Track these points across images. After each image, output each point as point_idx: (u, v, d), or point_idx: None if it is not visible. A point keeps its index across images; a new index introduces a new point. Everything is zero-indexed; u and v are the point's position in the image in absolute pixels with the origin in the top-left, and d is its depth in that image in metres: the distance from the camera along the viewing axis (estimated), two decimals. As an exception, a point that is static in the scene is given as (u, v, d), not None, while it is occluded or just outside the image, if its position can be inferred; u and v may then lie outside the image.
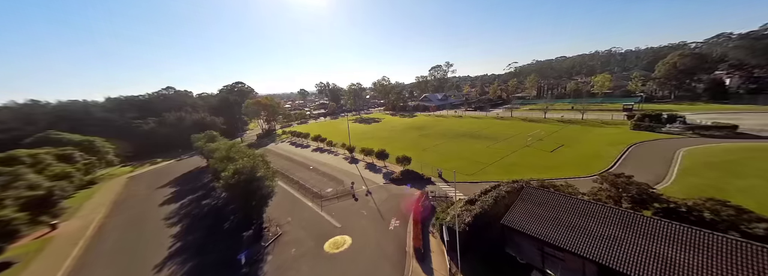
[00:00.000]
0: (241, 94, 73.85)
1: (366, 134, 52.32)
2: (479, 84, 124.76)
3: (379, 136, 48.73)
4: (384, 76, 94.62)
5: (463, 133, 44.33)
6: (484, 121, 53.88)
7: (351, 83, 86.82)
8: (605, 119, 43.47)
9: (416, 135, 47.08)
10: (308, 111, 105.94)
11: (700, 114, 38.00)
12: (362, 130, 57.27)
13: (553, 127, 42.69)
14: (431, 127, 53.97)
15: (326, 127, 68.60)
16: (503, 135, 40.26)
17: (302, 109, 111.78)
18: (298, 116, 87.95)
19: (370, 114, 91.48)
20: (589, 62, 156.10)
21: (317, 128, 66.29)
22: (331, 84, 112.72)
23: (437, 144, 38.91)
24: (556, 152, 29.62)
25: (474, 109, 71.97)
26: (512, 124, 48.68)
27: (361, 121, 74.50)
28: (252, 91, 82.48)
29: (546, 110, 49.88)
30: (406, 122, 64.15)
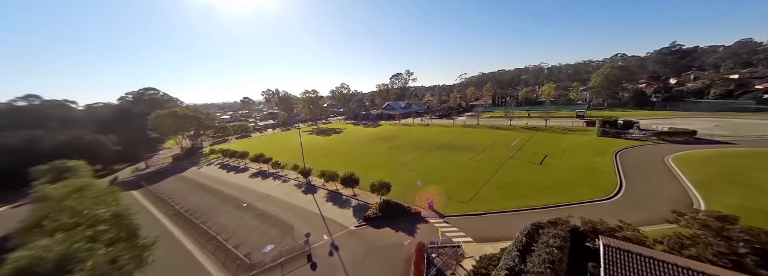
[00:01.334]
0: (152, 103, 55.25)
1: (325, 148, 43.33)
2: (437, 93, 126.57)
3: (342, 151, 40.37)
4: (343, 83, 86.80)
5: (437, 144, 39.20)
6: (454, 130, 50.31)
7: (305, 90, 76.40)
8: (566, 126, 43.65)
9: (386, 148, 40.23)
10: (253, 122, 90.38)
11: (645, 120, 40.23)
12: (321, 144, 47.97)
13: (522, 134, 40.75)
14: (400, 137, 47.95)
15: (274, 141, 56.84)
16: (480, 145, 36.27)
17: (245, 121, 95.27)
18: (238, 129, 72.78)
19: (329, 124, 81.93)
20: (523, 76, 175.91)
21: (262, 144, 54.30)
22: (282, 91, 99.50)
23: (413, 158, 32.59)
24: (545, 165, 25.94)
25: (439, 116, 69.24)
26: (482, 132, 45.87)
27: (319, 132, 64.69)
28: (170, 100, 63.55)
29: (511, 117, 48.73)
30: (371, 132, 57.05)
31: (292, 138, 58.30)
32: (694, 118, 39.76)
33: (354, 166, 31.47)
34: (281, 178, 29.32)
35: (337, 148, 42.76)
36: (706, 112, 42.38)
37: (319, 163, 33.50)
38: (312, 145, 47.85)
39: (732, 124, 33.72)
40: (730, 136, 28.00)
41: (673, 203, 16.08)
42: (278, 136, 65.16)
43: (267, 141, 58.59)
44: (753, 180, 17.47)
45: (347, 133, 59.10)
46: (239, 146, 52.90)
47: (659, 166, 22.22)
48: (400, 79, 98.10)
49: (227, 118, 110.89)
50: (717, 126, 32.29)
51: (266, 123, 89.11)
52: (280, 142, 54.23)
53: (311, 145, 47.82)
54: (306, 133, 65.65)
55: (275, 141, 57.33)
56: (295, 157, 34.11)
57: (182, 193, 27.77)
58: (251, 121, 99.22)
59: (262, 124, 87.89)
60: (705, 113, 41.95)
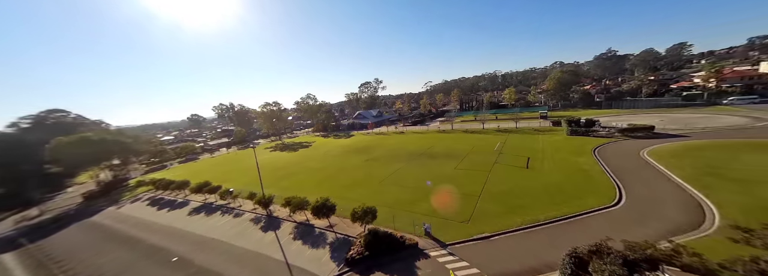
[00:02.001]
0: (56, 129, 40.58)
1: (292, 167, 37.56)
2: (406, 100, 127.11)
3: (312, 168, 35.14)
4: (309, 93, 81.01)
5: (417, 152, 36.45)
6: (430, 136, 48.48)
7: (265, 103, 68.80)
8: (534, 126, 44.77)
9: (362, 160, 36.16)
10: (202, 142, 78.47)
11: (600, 118, 42.93)
12: (286, 161, 41.83)
13: (497, 137, 40.35)
14: (376, 147, 44.31)
15: (227, 163, 48.67)
16: (460, 151, 34.44)
17: (192, 141, 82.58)
18: (182, 151, 61.51)
19: (295, 138, 74.78)
20: (481, 82, 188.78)
21: (212, 167, 46.17)
22: (237, 105, 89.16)
23: (395, 171, 29.08)
24: (532, 169, 24.56)
25: (412, 123, 67.65)
26: (458, 137, 44.70)
27: (284, 147, 57.85)
28: (84, 124, 48.66)
29: (484, 121, 48.79)
30: (343, 144, 52.41)
31: (251, 157, 50.70)
32: (638, 115, 43.83)
33: (327, 185, 26.76)
34: (233, 211, 23.09)
35: (305, 166, 37.27)
36: (644, 109, 47.35)
37: (284, 187, 27.99)
38: (275, 163, 41.47)
39: (673, 118, 37.42)
40: (680, 130, 30.29)
41: (682, 204, 15.08)
42: (233, 156, 56.27)
43: (218, 163, 49.95)
44: (733, 173, 17.64)
45: (317, 147, 53.52)
46: (181, 173, 44.17)
47: (640, 164, 22.14)
48: (370, 88, 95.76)
49: (170, 139, 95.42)
50: (662, 121, 35.27)
51: (219, 142, 77.70)
52: (234, 164, 46.31)
53: (274, 163, 41.44)
54: (268, 149, 58.20)
55: (229, 162, 49.00)
56: (254, 181, 28.11)
57: (83, 250, 19.71)
58: (201, 140, 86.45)
59: (214, 143, 76.40)
60: (643, 110, 46.81)
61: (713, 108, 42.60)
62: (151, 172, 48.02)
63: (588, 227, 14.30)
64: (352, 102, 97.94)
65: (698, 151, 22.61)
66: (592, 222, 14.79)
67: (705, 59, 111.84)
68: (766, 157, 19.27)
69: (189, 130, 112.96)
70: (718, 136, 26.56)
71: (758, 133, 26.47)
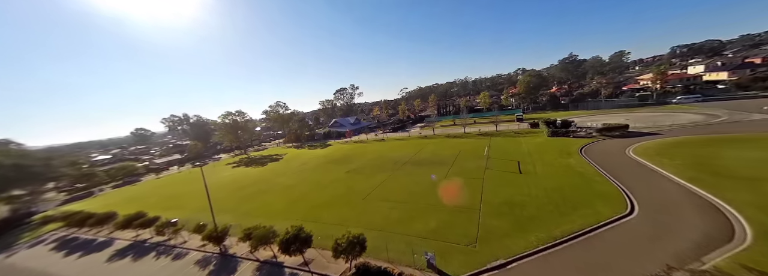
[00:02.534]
0: None
1: (258, 185, 32.38)
2: (384, 107, 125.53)
3: (283, 186, 30.39)
4: (278, 101, 75.07)
5: (402, 161, 33.60)
6: (413, 142, 46.18)
7: (226, 112, 61.58)
8: (514, 129, 44.83)
9: (341, 173, 32.32)
10: (147, 160, 67.72)
11: (573, 118, 44.40)
12: (251, 179, 36.26)
13: (481, 141, 39.31)
14: (357, 157, 40.68)
15: (174, 185, 41.23)
16: (447, 157, 32.36)
17: (136, 159, 71.09)
18: (119, 172, 51.50)
19: (264, 150, 67.96)
20: (454, 88, 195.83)
21: (153, 191, 39.02)
22: (193, 116, 79.40)
23: (380, 183, 25.79)
24: (526, 173, 22.97)
25: (392, 130, 65.22)
26: (442, 142, 42.97)
27: (250, 162, 51.51)
28: None
29: (465, 125, 47.96)
30: (320, 155, 47.88)
31: (210, 175, 43.83)
32: (605, 115, 46.19)
33: (302, 206, 22.53)
34: (173, 250, 17.64)
35: (275, 183, 32.29)
36: (606, 110, 50.37)
37: (246, 211, 23.16)
38: (238, 182, 35.75)
39: (637, 117, 39.62)
40: (650, 128, 31.49)
41: (698, 208, 13.89)
42: (185, 175, 48.22)
43: (164, 185, 42.29)
44: (728, 170, 17.38)
45: (289, 160, 48.23)
46: (111, 201, 36.27)
47: (631, 163, 21.62)
48: (345, 95, 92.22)
49: (107, 158, 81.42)
50: (628, 119, 36.93)
51: (169, 159, 67.30)
52: (185, 185, 39.16)
53: (237, 182, 35.71)
54: (230, 166, 51.33)
55: (178, 184, 41.54)
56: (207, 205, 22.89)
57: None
58: (147, 158, 74.77)
59: (162, 161, 65.93)
60: (606, 110, 49.75)
61: (665, 107, 46.57)
62: (71, 201, 38.33)
63: (613, 244, 12.30)
64: (328, 110, 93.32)
65: (681, 148, 22.89)
66: (614, 237, 12.86)
67: (638, 66, 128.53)
68: (749, 153, 19.63)
69: (134, 147, 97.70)
70: (689, 133, 27.70)
71: (724, 128, 27.99)
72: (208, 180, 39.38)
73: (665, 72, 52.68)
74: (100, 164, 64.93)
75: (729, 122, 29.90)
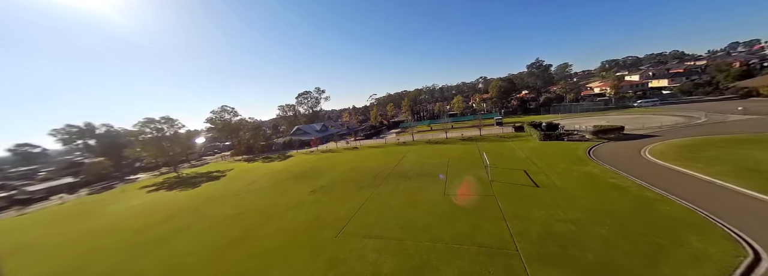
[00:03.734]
0: None
1: (177, 219, 22.08)
2: (353, 113, 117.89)
3: (216, 218, 20.81)
4: (224, 105, 62.30)
5: (383, 173, 26.58)
6: (391, 150, 39.63)
7: (146, 119, 47.44)
8: (497, 133, 41.60)
9: (305, 192, 24.00)
10: (17, 187, 48.03)
11: (552, 122, 43.02)
12: (171, 209, 25.38)
13: (467, 146, 34.70)
14: (326, 169, 32.41)
15: (36, 228, 28.16)
16: (435, 167, 26.46)
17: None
18: None
19: (203, 166, 54.52)
20: (420, 96, 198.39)
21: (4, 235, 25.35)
22: (100, 126, 61.07)
23: (358, 206, 18.33)
24: (544, 186, 17.98)
25: (365, 136, 57.98)
26: (425, 149, 37.28)
27: (177, 184, 39.24)
28: None
29: (446, 130, 43.30)
30: (277, 169, 38.19)
31: (113, 205, 31.10)
32: (579, 117, 46.16)
33: (235, 256, 13.92)
34: None
35: (204, 214, 22.32)
36: (577, 113, 51.10)
37: (141, 270, 13.49)
38: (148, 216, 24.67)
39: (617, 119, 39.44)
40: (641, 130, 30.12)
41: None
42: (69, 209, 33.69)
43: (17, 228, 28.21)
44: None
45: (234, 178, 37.41)
46: None
47: (668, 172, 18.06)
48: (310, 99, 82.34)
49: None
50: (609, 121, 36.15)
51: (55, 184, 48.54)
52: (55, 228, 26.15)
53: (146, 216, 24.62)
54: (146, 189, 38.33)
55: (43, 225, 28.04)
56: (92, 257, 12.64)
57: None
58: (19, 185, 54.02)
59: (42, 187, 46.74)
60: (578, 114, 50.40)
61: (631, 110, 48.66)
62: None
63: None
64: (290, 118, 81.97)
65: (702, 151, 20.45)
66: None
67: (575, 78, 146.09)
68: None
69: (14, 169, 71.27)
70: (689, 134, 26.03)
71: (719, 129, 26.38)
72: (105, 213, 26.94)
73: (622, 78, 56.57)
74: None
75: (715, 123, 29.97)
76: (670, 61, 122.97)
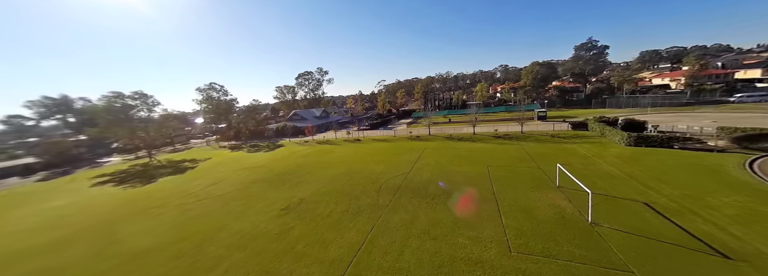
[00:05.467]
0: None
1: (53, 254, 13.53)
2: (359, 100, 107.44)
3: (122, 256, 12.17)
4: (212, 82, 53.27)
5: (390, 182, 17.49)
6: (402, 146, 30.20)
7: (112, 93, 39.03)
8: (543, 130, 31.29)
9: (275, 209, 15.49)
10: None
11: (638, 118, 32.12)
12: (63, 233, 17.05)
13: (508, 148, 24.88)
14: (314, 170, 23.55)
15: None
16: (472, 180, 17.08)
17: None
18: None
19: (184, 151, 46.91)
20: (432, 84, 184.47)
21: None
22: (79, 100, 52.50)
23: (351, 250, 9.17)
24: (744, 255, 8.30)
25: (371, 126, 48.47)
26: (446, 147, 27.62)
27: (136, 175, 31.44)
28: None
29: (474, 123, 32.99)
30: (256, 163, 29.69)
31: (29, 204, 23.36)
32: (658, 114, 34.97)
33: None
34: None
35: (114, 239, 14.01)
36: (643, 108, 39.60)
37: None
38: (42, 232, 16.45)
39: (726, 118, 28.32)
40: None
41: None
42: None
43: None
44: None
45: (200, 172, 29.16)
46: None
47: None
48: (311, 80, 72.23)
49: None
50: (714, 122, 25.28)
51: (9, 164, 40.47)
52: None
53: (39, 233, 16.37)
54: (96, 180, 30.56)
55: None
56: None
57: None
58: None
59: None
60: (645, 109, 38.95)
61: (725, 106, 36.69)
62: None
63: None
64: (288, 101, 72.55)
65: None
66: None
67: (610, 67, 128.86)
68: None
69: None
70: None
71: None
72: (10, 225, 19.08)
73: (706, 66, 43.97)
74: None
75: None
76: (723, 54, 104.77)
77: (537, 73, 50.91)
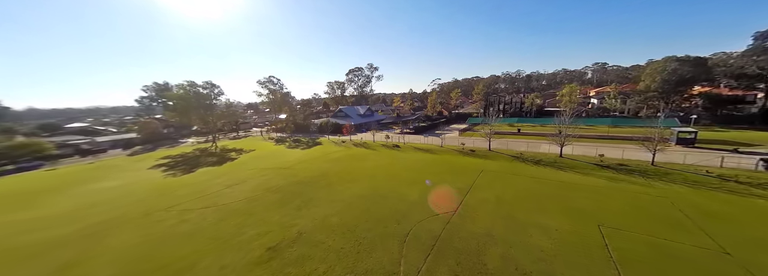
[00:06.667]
0: None
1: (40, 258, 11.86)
2: (408, 98, 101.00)
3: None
4: (271, 76, 55.35)
5: (430, 232, 10.84)
6: (449, 163, 22.91)
7: (187, 82, 43.04)
8: (699, 162, 18.99)
9: (261, 252, 11.21)
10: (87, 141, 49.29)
11: None
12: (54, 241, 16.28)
13: (634, 191, 14.89)
14: (333, 185, 19.09)
15: None
16: (579, 246, 8.95)
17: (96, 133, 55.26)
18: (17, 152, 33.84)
19: (241, 139, 49.95)
20: (496, 84, 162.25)
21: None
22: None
23: None
24: None
25: (414, 129, 41.99)
26: (517, 172, 19.01)
27: (186, 162, 32.96)
28: None
29: (563, 139, 22.64)
30: (284, 163, 27.36)
31: (102, 180, 25.73)
32: None
33: None
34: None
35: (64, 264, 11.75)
36: None
37: None
38: (53, 227, 16.03)
39: None
40: None
41: None
42: (67, 176, 30.22)
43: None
44: None
45: (235, 167, 28.44)
46: None
47: None
48: (361, 77, 69.60)
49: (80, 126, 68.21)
50: None
51: (118, 138, 50.34)
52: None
53: (52, 227, 15.98)
54: (158, 163, 33.04)
55: None
56: None
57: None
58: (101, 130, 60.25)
59: (108, 139, 48.50)
60: None
61: None
62: None
63: None
64: (337, 97, 71.79)
65: None
66: None
67: None
68: None
69: (131, 117, 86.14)
70: None
71: None
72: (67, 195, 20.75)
73: None
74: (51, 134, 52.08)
75: None
76: None
77: (673, 72, 34.45)
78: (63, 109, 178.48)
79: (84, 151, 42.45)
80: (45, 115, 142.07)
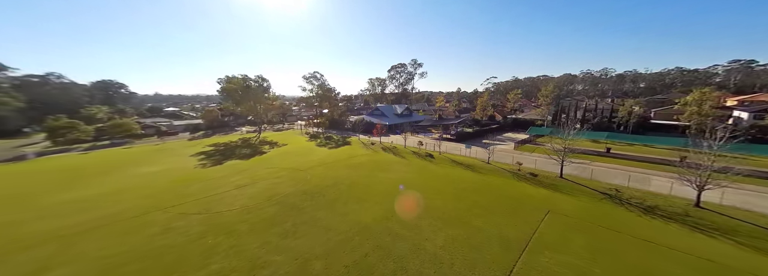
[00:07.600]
0: None
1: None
2: (455, 98, 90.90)
3: None
4: (315, 71, 55.20)
5: None
6: (498, 190, 16.41)
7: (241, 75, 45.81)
8: None
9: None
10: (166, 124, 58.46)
11: None
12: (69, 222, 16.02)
13: None
14: (338, 205, 15.19)
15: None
16: None
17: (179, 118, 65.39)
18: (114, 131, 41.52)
19: (285, 130, 51.41)
20: (570, 85, 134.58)
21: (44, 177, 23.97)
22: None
23: None
24: None
25: (457, 136, 35.08)
26: (613, 220, 11.52)
27: (226, 152, 33.86)
28: None
29: (706, 178, 13.48)
30: (305, 164, 25.19)
31: (153, 164, 27.76)
32: None
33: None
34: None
35: None
36: None
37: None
38: (77, 213, 16.27)
39: None
40: None
41: None
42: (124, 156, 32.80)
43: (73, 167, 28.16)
44: None
45: (260, 162, 27.57)
46: None
47: None
48: (403, 73, 64.28)
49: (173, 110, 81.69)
50: None
51: (191, 122, 58.30)
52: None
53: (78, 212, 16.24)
54: (204, 150, 34.87)
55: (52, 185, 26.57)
56: None
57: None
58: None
59: (183, 123, 56.72)
60: None
61: None
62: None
63: None
64: (377, 94, 68.30)
65: None
66: None
67: None
68: None
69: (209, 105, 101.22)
70: None
71: None
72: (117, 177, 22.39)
73: None
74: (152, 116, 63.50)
75: None
76: None
77: None
78: (176, 95, 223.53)
79: (162, 132, 49.69)
80: (164, 100, 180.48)
